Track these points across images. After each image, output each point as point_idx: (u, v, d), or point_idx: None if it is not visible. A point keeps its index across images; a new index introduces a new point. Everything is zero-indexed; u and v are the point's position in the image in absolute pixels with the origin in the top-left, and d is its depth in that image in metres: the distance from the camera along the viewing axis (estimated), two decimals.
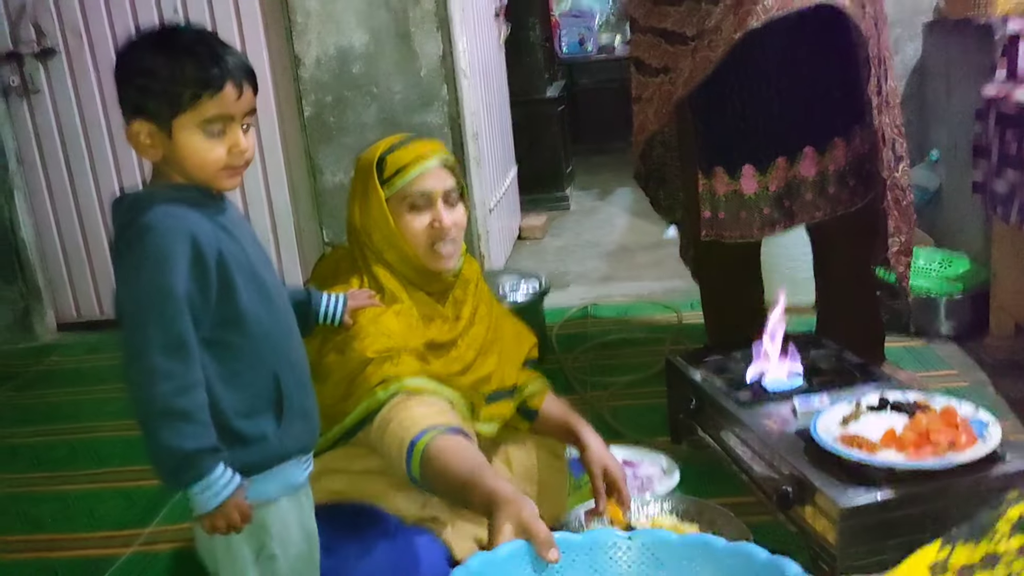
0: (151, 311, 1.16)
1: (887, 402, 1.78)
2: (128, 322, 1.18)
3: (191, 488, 1.20)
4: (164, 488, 1.25)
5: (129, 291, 1.18)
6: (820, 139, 2.19)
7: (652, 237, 4.53)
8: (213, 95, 1.20)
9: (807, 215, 2.23)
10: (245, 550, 1.28)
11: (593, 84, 6.99)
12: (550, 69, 5.77)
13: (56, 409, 3.13)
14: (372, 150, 1.74)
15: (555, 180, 5.47)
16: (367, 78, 3.50)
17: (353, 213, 1.74)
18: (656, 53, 2.28)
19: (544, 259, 4.43)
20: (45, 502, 2.47)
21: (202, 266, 1.19)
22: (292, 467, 1.32)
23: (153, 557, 2.14)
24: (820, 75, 2.15)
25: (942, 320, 2.84)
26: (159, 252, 1.17)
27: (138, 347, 1.16)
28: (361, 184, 1.71)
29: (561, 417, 1.86)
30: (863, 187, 2.21)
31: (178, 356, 1.16)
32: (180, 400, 1.16)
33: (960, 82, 3.19)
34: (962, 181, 2.94)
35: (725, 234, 2.28)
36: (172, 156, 1.22)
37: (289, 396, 1.30)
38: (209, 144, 1.22)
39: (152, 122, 1.20)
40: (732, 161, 2.23)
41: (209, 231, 1.21)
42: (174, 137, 1.21)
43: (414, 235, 1.69)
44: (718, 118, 2.23)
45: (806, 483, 1.63)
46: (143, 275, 1.17)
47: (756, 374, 2.03)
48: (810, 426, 1.72)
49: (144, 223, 1.19)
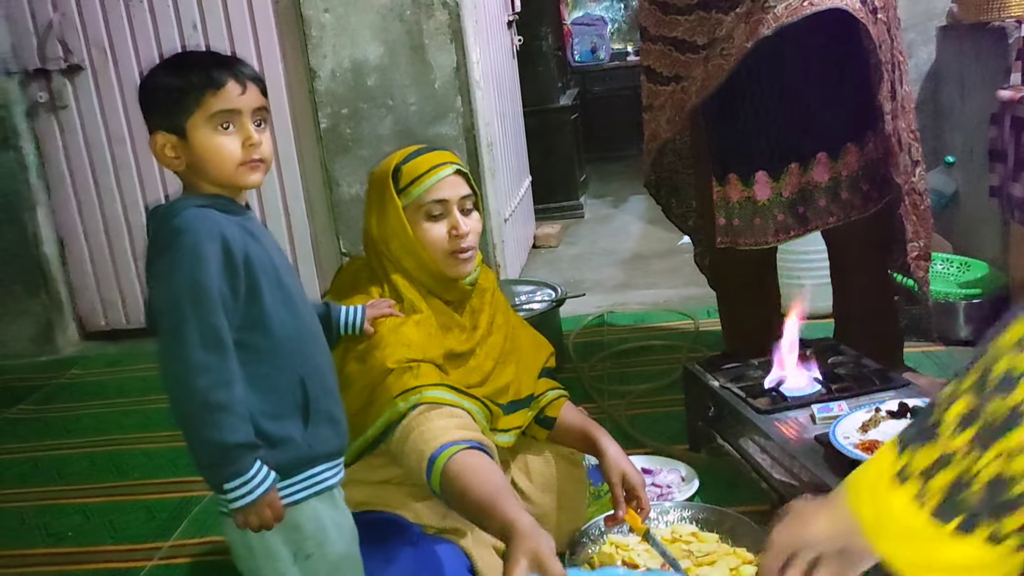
0: (187, 307, 1.20)
1: (907, 408, 1.77)
2: (165, 320, 1.22)
3: (229, 483, 1.22)
4: (206, 482, 1.27)
5: (165, 289, 1.23)
6: (832, 145, 2.18)
7: (667, 244, 4.53)
8: (216, 91, 1.26)
9: (821, 221, 2.23)
10: (283, 552, 1.30)
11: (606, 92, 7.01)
12: (563, 78, 5.79)
13: (77, 422, 3.16)
14: (387, 162, 1.76)
15: (569, 189, 5.49)
16: (382, 90, 3.52)
17: (370, 224, 1.75)
18: (667, 62, 2.29)
19: (559, 267, 4.43)
20: (66, 515, 2.49)
21: (232, 266, 1.23)
22: (322, 472, 1.34)
23: (174, 570, 2.15)
24: (832, 81, 2.15)
25: (961, 325, 2.83)
26: (193, 250, 1.21)
27: (176, 343, 1.20)
28: (377, 195, 1.73)
29: (579, 425, 1.86)
30: (877, 192, 2.21)
31: (215, 351, 1.20)
32: (219, 394, 1.20)
33: (975, 86, 3.18)
34: (978, 185, 2.93)
35: (740, 241, 2.28)
36: (194, 161, 1.28)
37: (315, 400, 1.32)
38: (223, 140, 1.27)
39: (170, 132, 1.27)
40: (745, 168, 2.23)
41: (237, 234, 1.26)
42: (189, 140, 1.26)
43: (432, 243, 1.70)
44: (731, 125, 2.23)
45: (826, 490, 1.62)
46: (178, 273, 1.21)
47: (774, 381, 2.03)
48: (829, 433, 1.71)
49: (176, 225, 1.24)
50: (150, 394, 3.27)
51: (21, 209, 3.77)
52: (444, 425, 1.53)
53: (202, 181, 1.30)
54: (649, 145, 2.46)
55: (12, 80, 3.73)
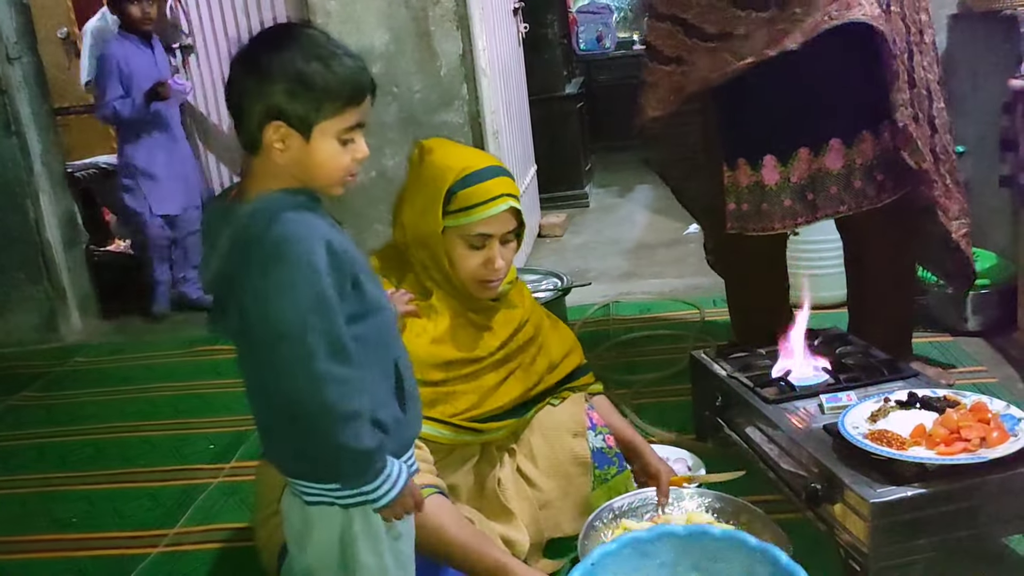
0: (314, 320, 1.16)
1: (916, 398, 1.75)
2: (287, 333, 1.17)
3: (372, 483, 1.24)
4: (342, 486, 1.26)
5: (285, 304, 1.16)
6: (847, 132, 2.16)
7: (673, 234, 4.51)
8: (359, 104, 1.23)
9: (831, 209, 2.21)
10: (382, 533, 1.31)
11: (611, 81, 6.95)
12: (568, 66, 5.76)
13: (81, 409, 3.15)
14: (442, 167, 1.69)
15: (574, 178, 5.46)
16: (387, 78, 3.50)
17: (405, 216, 1.73)
18: (671, 42, 2.26)
19: (565, 257, 4.42)
20: (71, 502, 2.49)
21: (339, 269, 1.20)
22: (413, 452, 1.35)
23: (180, 557, 2.15)
24: (846, 68, 2.13)
25: (969, 315, 2.81)
26: (307, 262, 1.16)
27: (303, 357, 1.16)
28: (423, 198, 1.69)
29: (614, 424, 1.97)
30: (893, 183, 2.18)
31: (343, 360, 1.18)
32: (354, 402, 1.19)
33: (986, 75, 3.15)
34: (989, 175, 2.90)
35: (748, 226, 2.27)
36: (304, 162, 1.22)
37: (406, 379, 1.32)
38: (342, 151, 1.23)
39: (292, 126, 1.20)
40: (754, 151, 2.21)
41: (332, 233, 1.22)
42: (312, 143, 1.21)
43: (464, 268, 1.71)
44: (740, 108, 2.21)
45: (835, 480, 1.62)
46: (298, 286, 1.16)
47: (782, 370, 2.02)
48: (838, 422, 1.70)
49: (279, 235, 1.18)
50: (154, 382, 3.28)
51: (23, 196, 3.75)
52: None
53: (285, 174, 1.23)
54: (636, 119, 2.43)
55: (14, 65, 3.72)
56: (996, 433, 1.58)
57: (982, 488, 1.55)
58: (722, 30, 2.10)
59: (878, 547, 1.53)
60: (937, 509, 1.54)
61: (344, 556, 1.31)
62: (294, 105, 1.19)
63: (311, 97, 1.19)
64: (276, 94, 1.19)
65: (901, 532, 1.54)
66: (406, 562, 1.37)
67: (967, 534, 1.58)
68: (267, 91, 1.19)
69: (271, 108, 1.19)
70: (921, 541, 1.55)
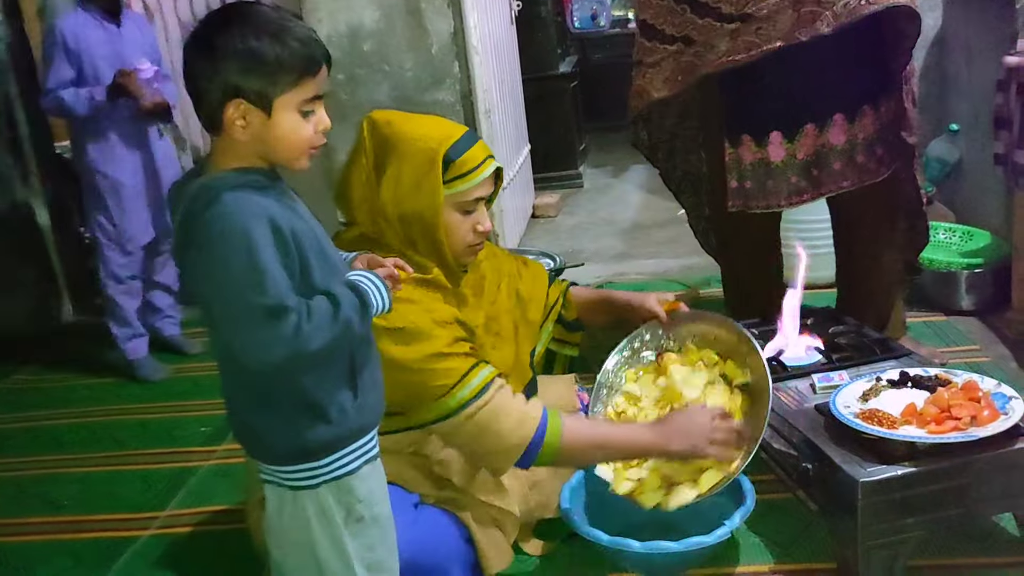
0: (248, 293, 1.16)
1: (908, 377, 1.75)
2: (226, 308, 1.19)
3: (372, 306, 1.27)
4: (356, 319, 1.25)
5: (220, 280, 1.18)
6: (850, 107, 2.15)
7: (667, 214, 4.49)
8: (315, 75, 1.23)
9: (834, 184, 2.19)
10: (336, 517, 1.31)
11: (606, 60, 6.91)
12: (562, 45, 5.71)
13: (74, 392, 3.15)
14: (425, 138, 1.65)
15: (568, 158, 5.43)
16: (378, 56, 3.47)
17: (387, 193, 1.66)
18: (676, 20, 2.21)
19: (558, 237, 4.40)
20: (64, 484, 2.49)
21: (284, 246, 1.20)
22: (371, 439, 1.36)
23: (172, 539, 2.15)
24: (850, 41, 2.08)
25: (963, 295, 2.81)
26: (241, 237, 1.16)
27: (245, 329, 1.17)
28: (412, 171, 1.64)
29: (595, 298, 2.05)
30: (889, 157, 2.17)
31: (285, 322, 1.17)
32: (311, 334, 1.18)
33: (981, 53, 3.13)
34: (983, 153, 2.89)
35: (752, 204, 2.25)
36: (265, 135, 1.23)
37: (361, 368, 1.32)
38: (303, 123, 1.24)
39: (251, 102, 1.21)
40: (759, 128, 2.19)
41: (280, 212, 1.21)
42: (273, 117, 1.22)
43: (457, 234, 1.69)
44: (745, 85, 2.18)
45: (826, 459, 1.62)
46: (231, 262, 1.16)
47: (775, 350, 2.02)
48: (829, 402, 1.70)
49: (215, 213, 1.18)
50: None
51: (12, 179, 3.73)
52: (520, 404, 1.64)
53: (249, 152, 1.24)
54: (634, 103, 2.39)
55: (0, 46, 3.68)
56: (987, 412, 1.58)
57: (972, 466, 1.55)
58: (741, 11, 2.05)
59: (868, 526, 1.54)
60: (927, 487, 1.54)
61: (308, 539, 1.32)
62: (250, 81, 1.20)
63: (265, 72, 1.20)
64: (231, 72, 1.20)
65: (891, 511, 1.54)
66: (374, 543, 1.36)
67: (956, 512, 1.59)
68: (221, 70, 1.20)
69: (228, 87, 1.20)
70: (910, 520, 1.55)
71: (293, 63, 1.21)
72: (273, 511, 1.34)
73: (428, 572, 1.62)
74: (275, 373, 1.22)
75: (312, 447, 1.28)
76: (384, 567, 1.39)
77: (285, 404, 1.26)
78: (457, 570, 1.70)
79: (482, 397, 1.60)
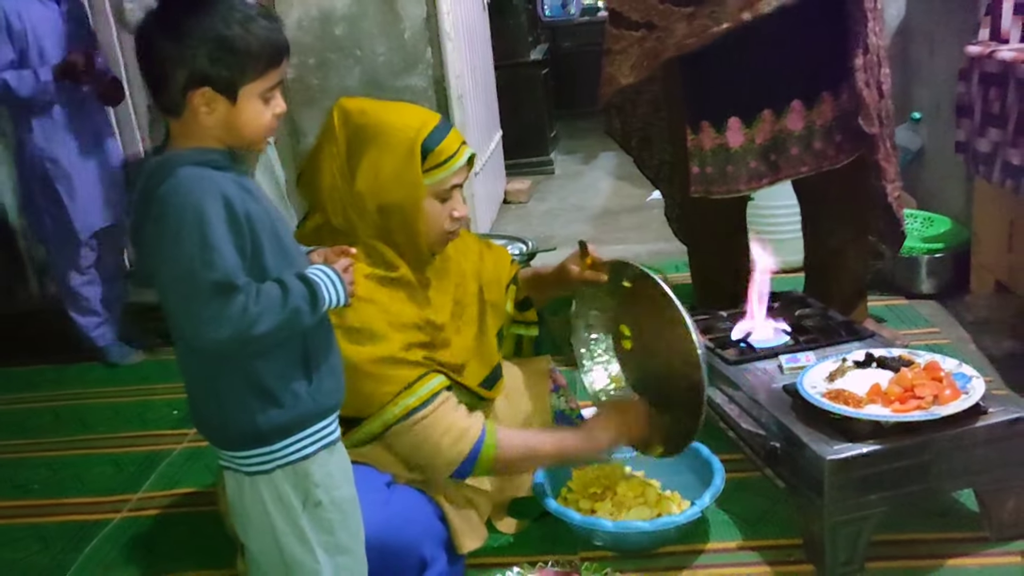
0: (197, 267, 1.16)
1: (873, 358, 1.79)
2: (175, 283, 1.19)
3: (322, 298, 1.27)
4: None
5: (170, 253, 1.18)
6: (808, 93, 2.18)
7: (636, 200, 4.53)
8: (279, 64, 1.25)
9: (792, 169, 2.24)
10: (293, 501, 1.31)
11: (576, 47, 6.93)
12: (533, 32, 5.72)
13: (40, 375, 3.11)
14: (401, 127, 1.63)
15: (539, 144, 5.45)
16: (350, 40, 3.45)
17: (363, 182, 1.63)
18: (639, 6, 2.24)
19: (530, 223, 4.42)
20: (32, 468, 2.47)
21: (236, 225, 1.19)
22: (329, 424, 1.35)
23: (143, 522, 2.14)
24: (809, 28, 2.13)
25: (923, 279, 2.87)
26: (194, 212, 1.16)
27: (193, 304, 1.17)
28: (391, 161, 1.62)
29: (529, 276, 2.05)
30: (850, 144, 2.21)
31: (233, 299, 1.17)
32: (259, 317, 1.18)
33: (944, 42, 3.19)
34: (944, 141, 2.95)
35: (713, 189, 2.28)
36: (229, 121, 1.23)
37: (316, 354, 1.31)
38: (264, 109, 1.26)
39: (217, 90, 1.21)
40: (718, 114, 2.23)
41: (236, 192, 1.21)
42: (238, 104, 1.23)
43: (434, 222, 1.68)
44: (704, 71, 2.22)
45: (793, 438, 1.65)
46: (183, 236, 1.16)
47: (743, 332, 2.05)
48: (796, 382, 1.74)
49: (170, 187, 1.19)
50: None
51: None
52: (461, 418, 1.66)
53: (209, 136, 1.24)
54: (604, 89, 2.41)
55: None
56: (948, 391, 1.63)
57: (934, 444, 1.59)
58: None
59: (834, 502, 1.57)
60: (891, 465, 1.59)
61: (267, 524, 1.33)
62: (219, 70, 1.20)
63: (234, 61, 1.21)
64: (199, 59, 1.19)
65: (856, 488, 1.58)
66: (333, 527, 1.36)
67: (919, 489, 1.63)
68: (189, 56, 1.19)
69: (195, 73, 1.20)
70: (875, 496, 1.59)
71: (261, 53, 1.22)
72: (234, 496, 1.34)
73: (401, 551, 1.63)
74: (222, 354, 1.22)
75: (265, 431, 1.27)
76: (346, 550, 1.38)
77: (237, 388, 1.26)
78: (430, 549, 1.70)
79: (427, 407, 1.61)
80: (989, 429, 1.62)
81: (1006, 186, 2.34)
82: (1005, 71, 2.32)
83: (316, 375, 1.31)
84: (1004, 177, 2.34)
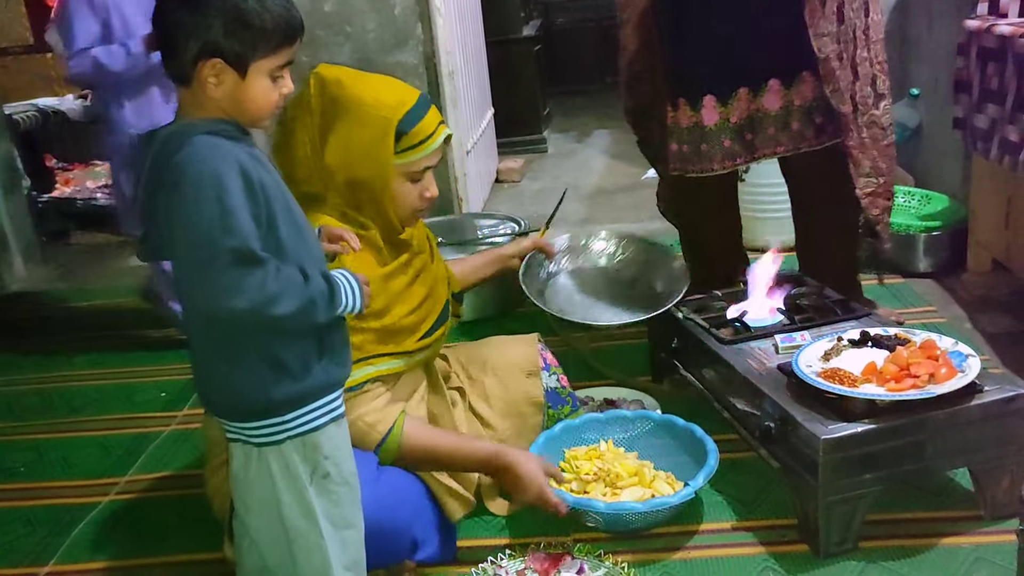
0: (216, 234, 1.14)
1: (868, 336, 1.77)
2: (193, 250, 1.17)
3: (340, 308, 1.29)
4: None
5: (189, 220, 1.16)
6: (787, 72, 2.14)
7: (631, 179, 4.49)
8: (292, 43, 1.26)
9: (768, 150, 2.20)
10: (301, 471, 1.31)
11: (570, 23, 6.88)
12: (526, 8, 5.65)
13: (26, 358, 3.08)
14: (378, 104, 1.61)
15: (532, 122, 5.40)
16: (340, 16, 3.40)
17: (333, 155, 1.62)
18: None
19: (522, 202, 4.38)
20: (18, 451, 2.44)
21: (252, 195, 1.19)
22: (338, 396, 1.35)
23: (131, 504, 2.12)
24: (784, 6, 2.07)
25: (920, 257, 2.85)
26: (212, 179, 1.16)
27: (212, 271, 1.15)
28: (363, 138, 1.61)
29: (472, 263, 2.10)
30: (832, 126, 2.15)
31: (254, 268, 1.16)
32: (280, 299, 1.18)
33: (942, 17, 3.15)
34: (942, 118, 2.92)
35: (689, 168, 2.26)
36: (236, 95, 1.24)
37: (330, 327, 1.31)
38: (272, 87, 1.26)
39: (228, 63, 1.21)
40: (694, 92, 2.19)
41: (249, 161, 1.21)
42: (247, 80, 1.23)
43: (404, 201, 1.68)
44: (681, 46, 2.18)
45: (788, 418, 1.63)
46: (201, 203, 1.15)
47: (737, 312, 2.03)
48: (791, 362, 1.71)
49: (187, 154, 1.18)
50: (101, 330, 3.20)
51: None
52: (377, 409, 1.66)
53: (216, 107, 1.24)
54: (620, 62, 2.38)
55: None
56: (944, 370, 1.61)
57: (929, 423, 1.58)
58: None
59: (828, 482, 1.56)
60: (886, 444, 1.57)
61: (273, 496, 1.32)
62: (231, 43, 1.21)
63: (248, 36, 1.21)
64: (214, 30, 1.20)
65: (851, 467, 1.56)
66: (340, 499, 1.36)
67: (914, 468, 1.61)
68: (204, 27, 1.20)
69: (208, 44, 1.21)
70: (869, 475, 1.58)
71: (275, 30, 1.23)
72: (239, 469, 1.33)
73: (391, 529, 1.61)
74: (237, 325, 1.21)
75: (277, 402, 1.27)
76: (349, 523, 1.39)
77: (250, 359, 1.25)
78: (421, 530, 1.69)
79: (351, 392, 1.60)
80: (985, 408, 1.60)
81: (1004, 163, 2.31)
82: (1003, 46, 2.29)
83: (329, 348, 1.31)
84: (1002, 154, 2.31)
